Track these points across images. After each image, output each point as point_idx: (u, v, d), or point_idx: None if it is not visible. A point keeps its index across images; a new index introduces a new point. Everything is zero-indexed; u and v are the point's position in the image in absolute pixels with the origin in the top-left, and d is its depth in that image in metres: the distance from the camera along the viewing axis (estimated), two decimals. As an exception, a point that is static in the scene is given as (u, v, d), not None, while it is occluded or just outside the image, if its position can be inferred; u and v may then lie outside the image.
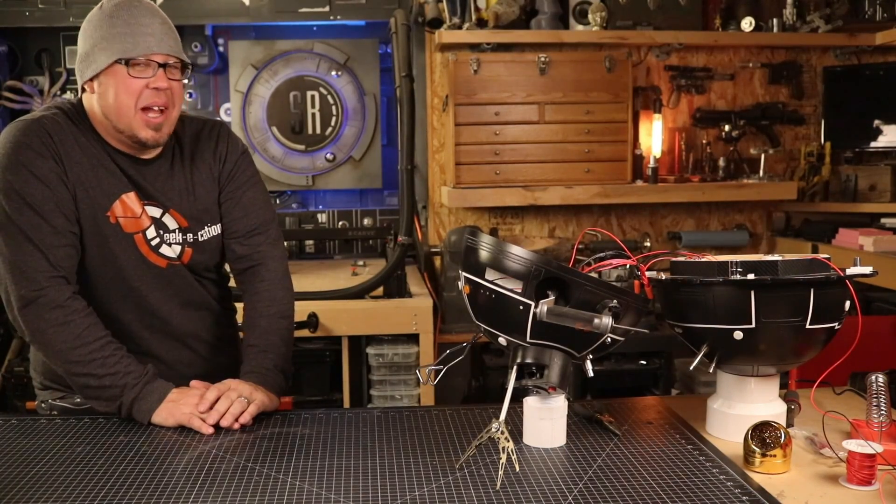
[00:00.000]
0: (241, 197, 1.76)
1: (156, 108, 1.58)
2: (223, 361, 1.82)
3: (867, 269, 1.34)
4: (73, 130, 1.60)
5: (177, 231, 1.69)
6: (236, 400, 1.53)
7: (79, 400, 1.69)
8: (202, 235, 1.73)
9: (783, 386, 1.51)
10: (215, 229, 1.75)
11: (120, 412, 1.55)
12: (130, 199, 1.64)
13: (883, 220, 3.11)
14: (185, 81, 1.67)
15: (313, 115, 3.54)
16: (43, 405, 1.75)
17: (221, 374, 1.76)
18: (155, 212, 1.67)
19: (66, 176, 1.57)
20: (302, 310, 2.75)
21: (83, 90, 1.62)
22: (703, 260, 1.40)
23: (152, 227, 1.66)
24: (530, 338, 1.34)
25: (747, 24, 3.35)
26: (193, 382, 1.60)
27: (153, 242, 1.67)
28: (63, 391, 1.72)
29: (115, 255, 1.63)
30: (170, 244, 1.68)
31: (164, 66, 1.57)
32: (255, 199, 1.78)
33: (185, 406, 1.52)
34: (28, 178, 1.54)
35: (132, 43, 1.55)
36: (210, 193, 1.74)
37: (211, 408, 1.52)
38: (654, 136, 3.39)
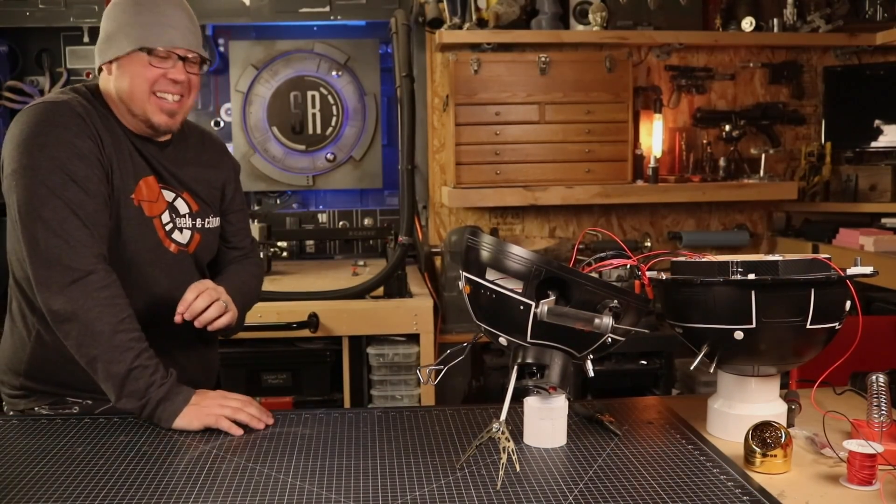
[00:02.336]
0: (238, 219, 1.88)
1: (170, 97, 1.60)
2: (208, 364, 1.87)
3: (868, 269, 1.34)
4: (95, 114, 1.61)
5: (187, 216, 1.72)
6: (216, 303, 1.59)
7: (77, 410, 1.67)
8: (208, 223, 1.76)
9: (784, 386, 1.51)
10: (216, 221, 1.79)
11: (143, 411, 1.49)
12: (150, 182, 1.65)
13: (883, 220, 3.10)
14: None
15: (314, 115, 3.54)
16: (12, 413, 1.69)
17: (205, 376, 1.81)
18: (169, 195, 1.69)
19: (102, 157, 1.57)
20: (302, 310, 2.76)
21: (100, 71, 1.64)
22: (703, 260, 1.40)
23: (167, 211, 1.68)
24: (531, 338, 1.33)
25: (748, 24, 3.35)
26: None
27: (167, 227, 1.68)
28: (54, 395, 1.67)
29: (134, 239, 1.63)
30: (181, 229, 1.71)
31: (183, 59, 1.60)
32: (244, 220, 1.91)
33: (209, 408, 1.49)
34: (72, 156, 1.53)
35: (157, 34, 1.57)
36: (215, 191, 1.79)
37: (194, 315, 1.58)
38: (654, 136, 3.39)
